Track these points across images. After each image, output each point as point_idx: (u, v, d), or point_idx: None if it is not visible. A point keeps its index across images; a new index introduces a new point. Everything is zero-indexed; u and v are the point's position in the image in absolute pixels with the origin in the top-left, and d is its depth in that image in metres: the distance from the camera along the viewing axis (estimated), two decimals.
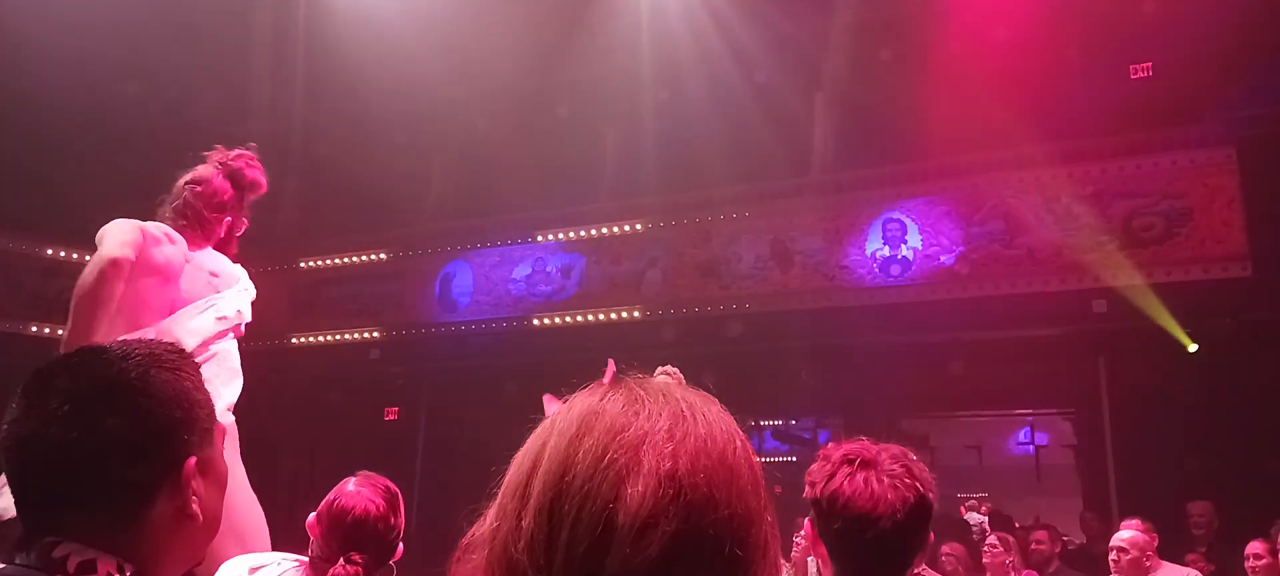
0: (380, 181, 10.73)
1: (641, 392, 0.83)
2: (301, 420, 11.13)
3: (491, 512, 0.83)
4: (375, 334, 10.76)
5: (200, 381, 1.24)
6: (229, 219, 3.20)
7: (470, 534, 0.85)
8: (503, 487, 0.83)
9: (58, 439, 1.11)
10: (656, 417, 0.80)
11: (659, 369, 6.72)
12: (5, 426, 1.14)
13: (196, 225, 3.14)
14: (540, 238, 10.01)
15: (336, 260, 11.14)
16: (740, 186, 9.24)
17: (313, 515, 2.39)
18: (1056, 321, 7.92)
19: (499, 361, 10.30)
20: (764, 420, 12.26)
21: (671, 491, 0.75)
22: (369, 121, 10.21)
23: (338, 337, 10.91)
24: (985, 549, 6.22)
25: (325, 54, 9.80)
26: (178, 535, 1.17)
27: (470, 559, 0.84)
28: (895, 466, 1.75)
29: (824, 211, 8.79)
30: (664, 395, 0.83)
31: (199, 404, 1.21)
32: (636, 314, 9.29)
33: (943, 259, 8.14)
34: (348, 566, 2.25)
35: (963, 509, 12.42)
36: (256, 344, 10.58)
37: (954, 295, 8.05)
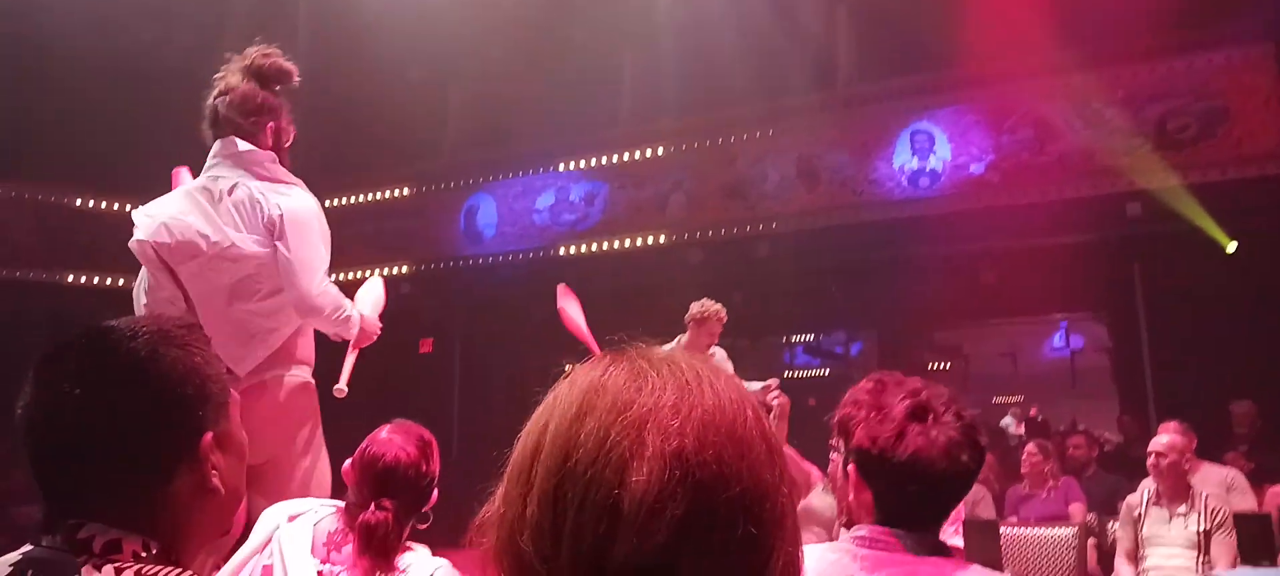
0: (399, 118, 10.66)
1: (645, 365, 0.79)
2: (339, 358, 11.28)
3: (499, 494, 0.81)
4: (404, 269, 10.82)
5: (211, 356, 1.23)
6: (271, 123, 3.07)
7: (481, 514, 0.83)
8: (507, 469, 0.80)
9: (71, 421, 1.11)
10: (661, 392, 0.77)
11: (700, 304, 6.64)
12: (20, 409, 1.15)
13: (236, 135, 3.02)
14: (562, 166, 9.94)
15: (360, 198, 11.16)
16: (763, 104, 9.09)
17: (347, 462, 2.42)
18: (1090, 227, 7.79)
19: (528, 290, 10.31)
20: (795, 335, 12.27)
21: (678, 472, 0.72)
22: (384, 58, 10.09)
23: (368, 274, 10.97)
24: (1024, 455, 6.24)
25: None
26: (200, 510, 1.18)
27: (483, 542, 0.82)
28: (950, 417, 1.69)
29: (849, 126, 8.64)
30: (669, 366, 0.79)
31: (211, 378, 1.21)
32: (662, 238, 9.24)
33: (973, 168, 8.00)
34: (377, 512, 2.27)
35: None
36: None
37: (985, 204, 7.92)
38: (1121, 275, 8.13)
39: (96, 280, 10.45)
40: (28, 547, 1.13)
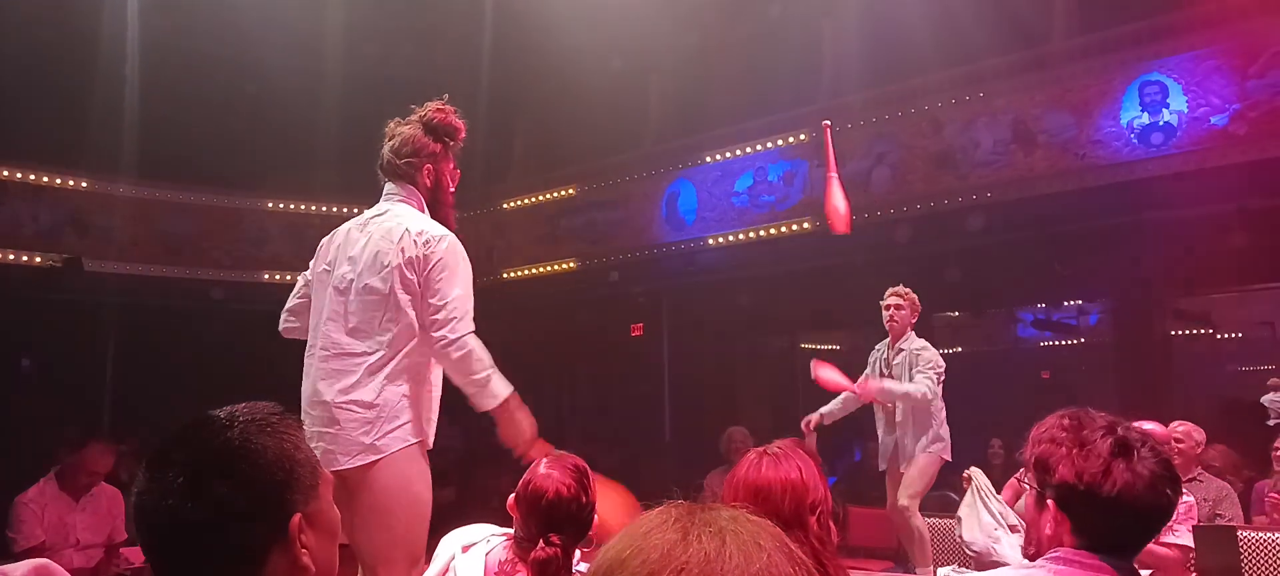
0: (602, 110, 10.93)
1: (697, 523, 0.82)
2: (559, 343, 11.77)
3: None
4: (612, 258, 11.09)
5: (300, 440, 1.34)
6: (428, 166, 3.26)
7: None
8: None
9: (174, 508, 1.22)
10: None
11: (888, 291, 6.42)
12: (135, 497, 1.28)
13: (392, 176, 3.28)
14: (759, 147, 9.81)
15: (568, 192, 11.51)
16: (971, 66, 8.56)
17: (511, 497, 2.57)
18: None
19: (731, 274, 10.34)
20: (1018, 308, 11.62)
21: None
22: (585, 53, 10.36)
23: (580, 265, 11.32)
24: (1275, 453, 5.54)
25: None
26: None
27: None
28: (1147, 452, 1.80)
29: (1069, 83, 7.96)
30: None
31: (299, 463, 1.31)
32: (866, 215, 8.90)
33: (1214, 120, 7.18)
34: (547, 548, 2.40)
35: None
36: (515, 276, 11.29)
37: (1231, 160, 7.08)
38: None
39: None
40: None
